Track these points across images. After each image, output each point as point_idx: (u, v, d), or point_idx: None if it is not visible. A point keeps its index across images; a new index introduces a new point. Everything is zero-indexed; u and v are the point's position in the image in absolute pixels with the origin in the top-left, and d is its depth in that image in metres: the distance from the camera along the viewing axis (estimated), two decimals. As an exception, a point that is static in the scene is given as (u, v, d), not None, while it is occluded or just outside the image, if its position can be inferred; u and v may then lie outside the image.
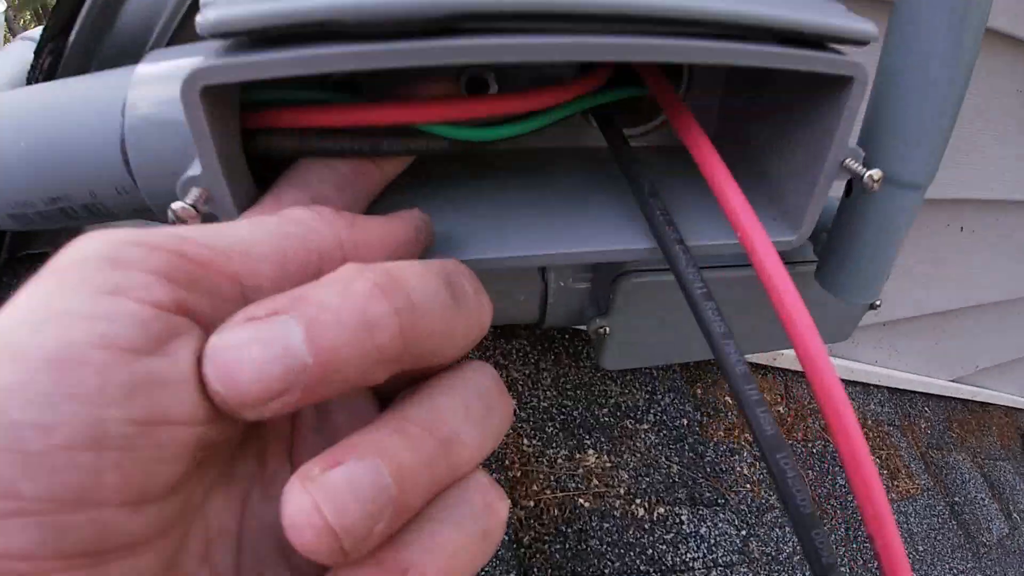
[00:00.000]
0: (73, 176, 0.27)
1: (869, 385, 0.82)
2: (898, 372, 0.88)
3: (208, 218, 0.22)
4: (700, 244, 0.28)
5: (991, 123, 0.61)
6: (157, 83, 0.26)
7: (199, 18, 0.20)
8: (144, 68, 0.27)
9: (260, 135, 0.23)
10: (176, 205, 0.21)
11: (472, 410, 0.16)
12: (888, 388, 0.87)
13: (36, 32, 0.61)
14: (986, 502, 0.88)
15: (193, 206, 0.21)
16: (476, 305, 0.17)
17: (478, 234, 0.27)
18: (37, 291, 0.13)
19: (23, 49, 0.59)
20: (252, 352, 0.13)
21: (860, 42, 0.26)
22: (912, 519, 0.68)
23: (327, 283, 0.14)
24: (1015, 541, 0.86)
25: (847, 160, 0.29)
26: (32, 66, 0.45)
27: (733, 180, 0.26)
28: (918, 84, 0.34)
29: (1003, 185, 0.69)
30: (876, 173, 0.29)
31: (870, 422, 0.78)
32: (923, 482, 0.78)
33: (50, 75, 0.44)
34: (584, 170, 0.34)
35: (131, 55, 0.41)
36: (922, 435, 0.87)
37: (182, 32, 0.40)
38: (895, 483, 0.71)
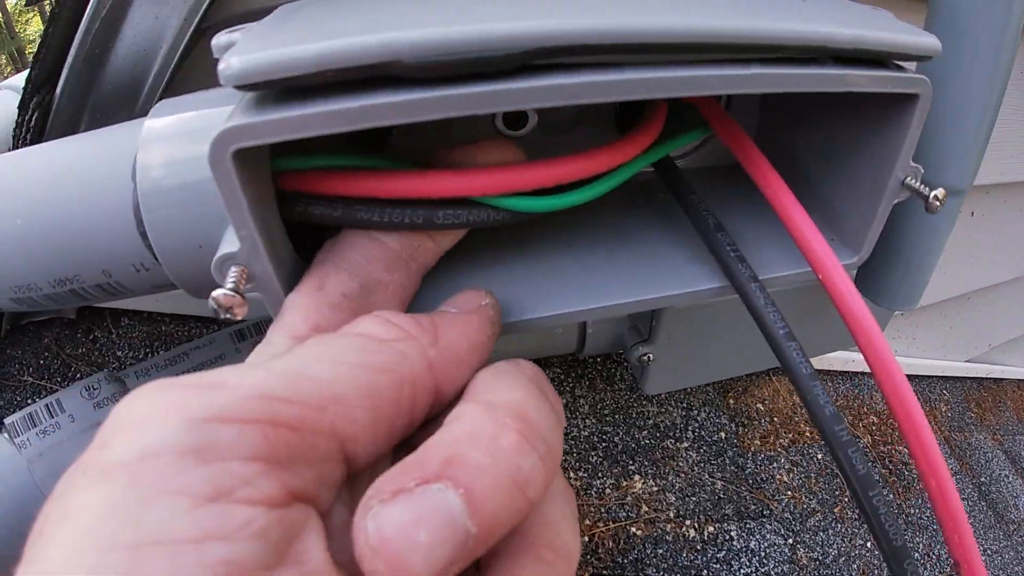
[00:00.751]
0: (82, 255, 0.24)
1: (890, 375, 0.83)
2: (917, 360, 0.89)
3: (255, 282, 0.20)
4: (770, 277, 0.27)
5: (1003, 111, 0.61)
6: (171, 140, 0.23)
7: (222, 66, 0.17)
8: (153, 123, 0.23)
9: (298, 202, 0.20)
10: (217, 294, 0.18)
11: (567, 519, 0.15)
12: (907, 376, 0.88)
13: (17, 80, 0.59)
14: (1010, 479, 0.89)
15: (235, 290, 0.18)
16: (560, 408, 0.17)
17: (534, 288, 0.24)
18: (105, 501, 0.10)
19: (4, 98, 0.56)
20: (420, 536, 0.11)
21: (925, 57, 0.25)
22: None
23: (470, 439, 0.13)
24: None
25: (907, 179, 0.28)
26: (17, 123, 0.41)
27: (809, 219, 0.25)
28: (961, 91, 0.33)
29: (1013, 168, 0.69)
30: (940, 192, 0.28)
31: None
32: (951, 467, 0.78)
33: (39, 132, 0.41)
34: (625, 199, 0.33)
35: (126, 102, 0.39)
36: (944, 419, 0.88)
37: (181, 73, 0.38)
38: (926, 473, 0.71)
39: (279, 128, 0.16)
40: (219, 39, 0.22)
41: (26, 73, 0.61)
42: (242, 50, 0.17)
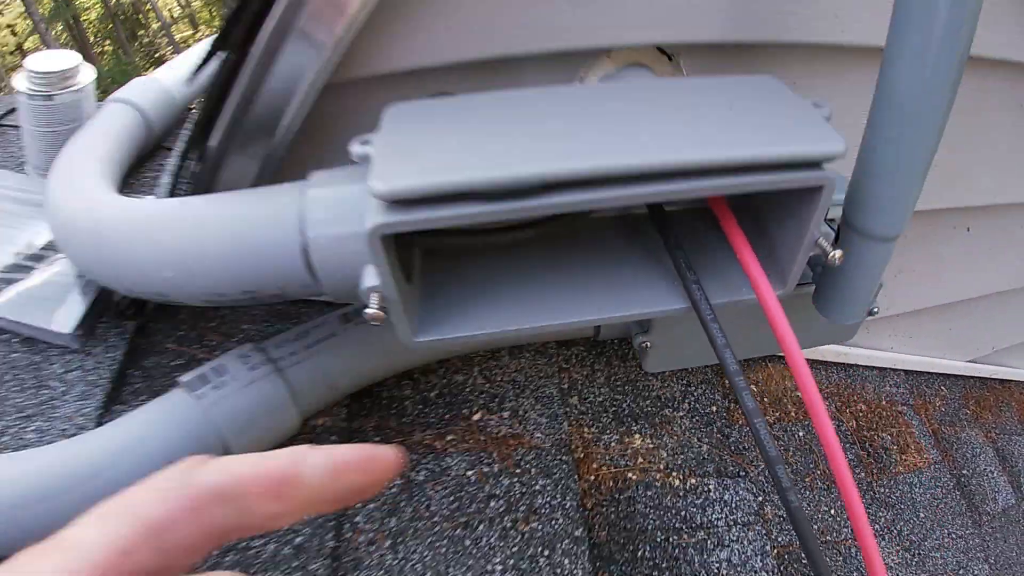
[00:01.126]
0: (264, 278, 0.37)
1: (886, 369, 0.92)
2: (914, 356, 0.97)
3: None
4: (723, 302, 0.40)
5: (997, 138, 0.68)
6: (332, 207, 0.35)
7: (371, 185, 0.29)
8: (316, 192, 0.36)
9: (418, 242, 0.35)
10: (368, 312, 0.31)
11: None
12: (904, 371, 0.96)
13: (124, 94, 0.69)
14: (994, 475, 0.96)
15: (379, 308, 0.32)
16: None
17: (535, 301, 0.38)
18: None
19: (118, 111, 0.66)
20: None
21: (829, 160, 0.36)
22: (916, 489, 0.78)
23: None
24: (1022, 511, 0.94)
25: (819, 239, 0.39)
26: (179, 166, 0.54)
27: (760, 266, 0.38)
28: (893, 158, 0.43)
29: (1007, 191, 0.76)
30: (838, 254, 0.39)
31: (884, 402, 0.88)
32: (931, 456, 0.87)
33: (198, 178, 0.50)
34: (605, 233, 0.46)
35: (260, 139, 0.51)
36: (936, 412, 0.96)
37: (311, 115, 0.50)
38: (903, 457, 0.81)
39: (413, 225, 0.30)
40: (355, 148, 0.35)
41: (126, 90, 0.69)
42: (381, 175, 0.29)
